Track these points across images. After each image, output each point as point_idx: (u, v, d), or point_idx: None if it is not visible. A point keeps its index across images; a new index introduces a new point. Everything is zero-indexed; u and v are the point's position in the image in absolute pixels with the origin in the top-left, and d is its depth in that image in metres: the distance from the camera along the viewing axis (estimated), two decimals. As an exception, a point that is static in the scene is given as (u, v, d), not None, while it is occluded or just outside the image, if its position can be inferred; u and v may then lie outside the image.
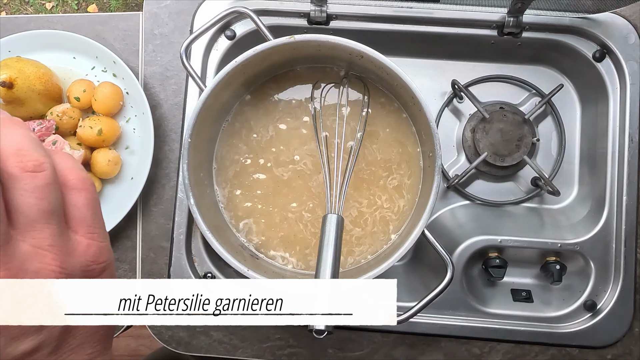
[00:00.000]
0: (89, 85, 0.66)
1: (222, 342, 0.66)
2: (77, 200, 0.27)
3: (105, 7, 1.56)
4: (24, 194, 0.25)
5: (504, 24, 0.65)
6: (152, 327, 0.66)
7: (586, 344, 0.63)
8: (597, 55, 0.65)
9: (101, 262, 0.28)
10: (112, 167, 0.64)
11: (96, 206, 0.28)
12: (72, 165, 0.27)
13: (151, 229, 0.67)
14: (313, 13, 0.65)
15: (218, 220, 0.61)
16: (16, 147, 0.25)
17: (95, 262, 0.28)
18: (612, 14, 0.64)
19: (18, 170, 0.24)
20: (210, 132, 0.62)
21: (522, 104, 0.71)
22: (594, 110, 0.68)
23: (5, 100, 0.61)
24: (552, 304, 0.66)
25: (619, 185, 0.64)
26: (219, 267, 0.66)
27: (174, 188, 0.66)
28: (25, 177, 0.25)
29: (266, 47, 0.56)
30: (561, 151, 0.70)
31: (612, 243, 0.63)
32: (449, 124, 0.71)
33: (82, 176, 0.28)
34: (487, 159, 0.67)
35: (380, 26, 0.66)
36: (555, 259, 0.64)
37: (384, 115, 0.63)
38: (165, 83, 0.68)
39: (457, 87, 0.68)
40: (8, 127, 0.25)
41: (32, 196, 0.25)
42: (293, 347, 0.66)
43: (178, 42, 0.68)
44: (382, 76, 0.58)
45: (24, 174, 0.25)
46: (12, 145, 0.25)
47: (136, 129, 0.67)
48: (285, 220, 0.62)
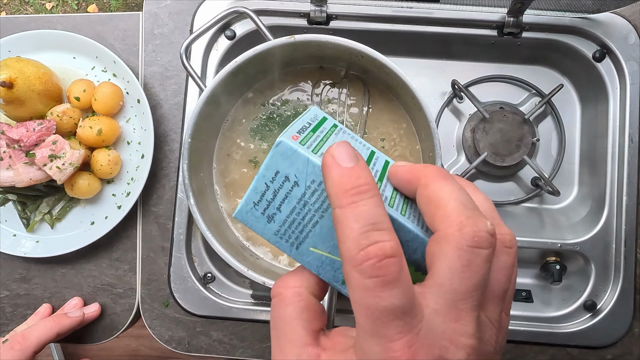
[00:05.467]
0: (89, 85, 0.66)
1: (222, 342, 0.66)
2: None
3: (105, 7, 1.56)
4: (498, 270, 0.23)
5: (504, 24, 0.65)
6: (152, 327, 0.66)
7: (586, 344, 0.63)
8: (597, 55, 0.65)
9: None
10: (112, 167, 0.64)
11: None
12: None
13: (151, 229, 0.67)
14: (313, 13, 0.65)
15: (218, 220, 0.61)
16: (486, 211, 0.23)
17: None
18: (612, 14, 0.64)
19: (498, 243, 0.23)
20: (210, 132, 0.62)
21: (522, 104, 0.71)
22: (594, 110, 0.68)
23: (5, 100, 0.61)
24: (552, 304, 0.66)
25: (619, 185, 0.64)
26: (219, 267, 0.66)
27: (174, 188, 0.66)
28: (503, 253, 0.23)
29: (266, 47, 0.56)
30: (561, 151, 0.70)
31: (612, 243, 0.63)
32: (449, 124, 0.71)
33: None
34: (487, 159, 0.67)
35: (380, 26, 0.66)
36: (555, 259, 0.64)
37: (383, 115, 0.63)
38: (165, 83, 0.68)
39: (457, 87, 0.68)
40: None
41: (504, 274, 0.23)
42: (293, 347, 0.66)
43: (178, 42, 0.68)
44: (382, 76, 0.58)
45: (503, 249, 0.23)
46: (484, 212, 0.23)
47: (136, 129, 0.67)
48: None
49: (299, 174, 0.24)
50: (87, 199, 0.67)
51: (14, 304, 0.69)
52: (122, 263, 0.68)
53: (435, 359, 0.20)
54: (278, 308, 0.25)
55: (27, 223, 0.67)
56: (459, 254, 0.21)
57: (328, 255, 0.25)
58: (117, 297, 0.68)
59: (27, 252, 0.66)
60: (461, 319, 0.21)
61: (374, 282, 0.20)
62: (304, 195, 0.25)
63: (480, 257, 0.21)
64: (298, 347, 0.24)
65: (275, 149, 0.25)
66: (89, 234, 0.65)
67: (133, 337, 1.22)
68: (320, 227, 0.25)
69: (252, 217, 0.26)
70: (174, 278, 0.65)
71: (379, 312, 0.20)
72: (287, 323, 0.24)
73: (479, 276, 0.21)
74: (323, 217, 0.25)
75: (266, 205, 0.26)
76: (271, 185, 0.25)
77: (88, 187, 0.64)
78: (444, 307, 0.21)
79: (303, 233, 0.25)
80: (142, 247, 0.67)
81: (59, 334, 0.60)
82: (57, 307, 0.68)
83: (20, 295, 0.69)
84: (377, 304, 0.20)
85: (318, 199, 0.25)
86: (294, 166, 0.24)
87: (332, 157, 0.22)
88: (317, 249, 0.25)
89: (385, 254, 0.20)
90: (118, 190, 0.67)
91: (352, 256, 0.21)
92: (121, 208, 0.65)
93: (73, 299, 0.67)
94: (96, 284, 0.68)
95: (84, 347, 1.11)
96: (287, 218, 0.25)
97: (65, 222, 0.67)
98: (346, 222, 0.21)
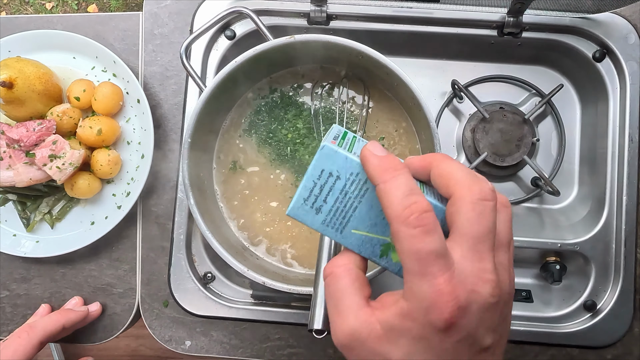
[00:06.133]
0: (89, 85, 0.66)
1: (222, 342, 0.66)
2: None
3: (105, 7, 1.56)
4: (501, 223, 0.29)
5: (504, 24, 0.65)
6: (152, 327, 0.66)
7: (586, 344, 0.63)
8: (597, 55, 0.65)
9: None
10: (112, 167, 0.64)
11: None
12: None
13: (151, 229, 0.67)
14: (313, 13, 0.65)
15: (218, 220, 0.61)
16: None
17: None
18: (612, 14, 0.64)
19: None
20: (210, 132, 0.62)
21: (522, 104, 0.71)
22: (594, 110, 0.68)
23: (5, 100, 0.61)
24: (552, 304, 0.66)
25: (619, 185, 0.64)
26: (219, 267, 0.66)
27: (174, 188, 0.66)
28: (502, 210, 0.30)
29: (266, 47, 0.56)
30: (561, 151, 0.70)
31: (612, 243, 0.63)
32: (449, 124, 0.71)
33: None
34: (487, 159, 0.67)
35: (380, 26, 0.66)
36: (555, 259, 0.64)
37: (383, 115, 0.63)
38: (165, 83, 0.68)
39: (457, 87, 0.68)
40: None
41: (507, 226, 0.30)
42: (293, 347, 0.66)
43: (178, 42, 0.68)
44: (382, 76, 0.58)
45: (502, 207, 0.30)
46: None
47: (136, 129, 0.67)
48: (287, 220, 0.62)
49: (340, 169, 0.31)
50: (87, 199, 0.67)
51: (14, 304, 0.69)
52: (122, 263, 0.68)
53: (468, 292, 0.26)
54: (333, 283, 0.30)
55: (27, 223, 0.67)
56: (472, 206, 0.27)
57: (367, 234, 0.32)
58: (117, 297, 0.68)
59: (27, 252, 0.66)
60: (483, 260, 0.27)
61: (418, 230, 0.26)
62: (344, 186, 0.31)
63: (488, 207, 0.28)
64: (355, 310, 0.28)
65: (320, 151, 0.31)
66: (89, 234, 0.65)
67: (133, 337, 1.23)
68: (359, 211, 0.31)
69: (302, 212, 0.32)
70: (174, 278, 0.65)
71: (425, 254, 0.25)
72: (342, 293, 0.29)
73: (490, 222, 0.27)
74: (361, 202, 0.31)
75: (314, 199, 0.32)
76: (318, 181, 0.31)
77: (88, 187, 0.64)
78: (469, 251, 0.27)
79: (345, 219, 0.32)
80: (142, 247, 0.67)
81: (65, 326, 0.61)
82: (57, 308, 0.68)
83: (20, 295, 0.69)
84: (423, 248, 0.26)
85: (356, 188, 0.31)
86: (335, 164, 0.31)
87: (369, 150, 0.29)
88: (358, 230, 0.32)
89: (423, 209, 0.26)
90: (118, 190, 0.67)
91: (398, 214, 0.26)
92: (121, 208, 0.65)
93: (73, 298, 0.67)
94: (96, 284, 0.68)
95: (84, 347, 1.12)
96: (332, 208, 0.31)
97: (65, 222, 0.67)
98: (390, 191, 0.27)
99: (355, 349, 0.28)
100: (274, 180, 0.63)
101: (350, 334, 0.28)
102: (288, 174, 0.63)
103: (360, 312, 0.28)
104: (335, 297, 0.30)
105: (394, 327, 0.27)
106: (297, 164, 0.63)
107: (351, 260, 0.31)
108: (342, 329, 0.28)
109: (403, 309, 0.27)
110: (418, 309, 0.26)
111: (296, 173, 0.63)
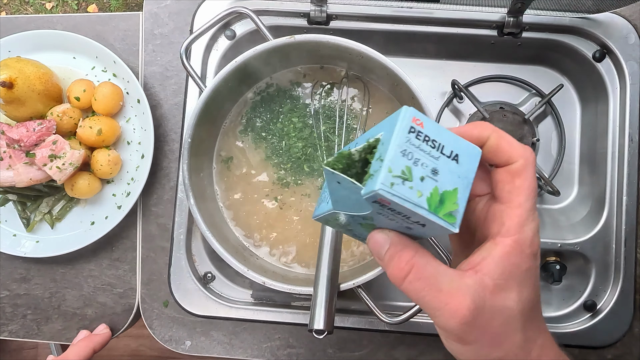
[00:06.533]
0: (89, 85, 0.66)
1: (222, 342, 0.66)
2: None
3: (105, 7, 1.56)
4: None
5: (504, 24, 0.65)
6: (152, 327, 0.66)
7: (586, 344, 0.63)
8: (597, 55, 0.65)
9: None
10: (112, 167, 0.64)
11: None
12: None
13: (151, 229, 0.67)
14: (313, 13, 0.65)
15: (218, 220, 0.61)
16: None
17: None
18: (612, 14, 0.64)
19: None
20: (210, 132, 0.62)
21: (522, 104, 0.71)
22: (594, 110, 0.68)
23: (5, 100, 0.61)
24: (552, 304, 0.66)
25: (619, 185, 0.64)
26: (219, 267, 0.66)
27: (174, 188, 0.66)
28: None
29: (266, 47, 0.56)
30: (561, 151, 0.70)
31: (612, 243, 0.63)
32: (449, 124, 0.71)
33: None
34: (487, 159, 0.67)
35: (380, 26, 0.66)
36: (555, 259, 0.64)
37: (383, 115, 0.63)
38: (165, 83, 0.68)
39: (457, 87, 0.68)
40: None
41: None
42: (293, 347, 0.66)
43: (178, 42, 0.68)
44: (382, 76, 0.58)
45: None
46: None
47: (136, 129, 0.67)
48: (287, 220, 0.62)
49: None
50: (87, 199, 0.67)
51: (14, 304, 0.69)
52: (122, 263, 0.68)
53: (536, 225, 0.29)
54: (416, 278, 0.28)
55: (27, 223, 0.67)
56: (533, 170, 0.29)
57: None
58: (117, 297, 0.68)
59: (27, 252, 0.66)
60: (534, 209, 0.30)
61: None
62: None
63: (535, 166, 0.30)
64: (459, 281, 0.28)
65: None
66: (89, 234, 0.65)
67: (133, 337, 1.23)
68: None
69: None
70: (174, 278, 0.65)
71: (534, 191, 0.29)
72: (435, 276, 0.28)
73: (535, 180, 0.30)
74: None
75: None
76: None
77: (88, 187, 0.64)
78: (531, 203, 0.29)
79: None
80: (142, 247, 0.67)
81: (94, 350, 0.64)
82: (57, 307, 0.68)
83: (20, 295, 0.69)
84: (535, 185, 0.29)
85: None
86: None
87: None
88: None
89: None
90: (118, 190, 0.67)
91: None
92: (121, 208, 0.65)
93: (80, 332, 0.67)
94: (96, 284, 0.68)
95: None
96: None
97: (65, 222, 0.67)
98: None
99: (478, 318, 0.27)
100: (273, 180, 0.63)
101: (472, 303, 0.27)
102: (288, 174, 0.63)
103: (466, 279, 0.28)
104: (430, 285, 0.28)
105: (504, 270, 0.28)
106: (294, 161, 0.63)
107: (411, 249, 0.29)
108: (461, 306, 0.27)
109: (508, 247, 0.28)
110: (524, 241, 0.28)
111: (295, 173, 0.63)
